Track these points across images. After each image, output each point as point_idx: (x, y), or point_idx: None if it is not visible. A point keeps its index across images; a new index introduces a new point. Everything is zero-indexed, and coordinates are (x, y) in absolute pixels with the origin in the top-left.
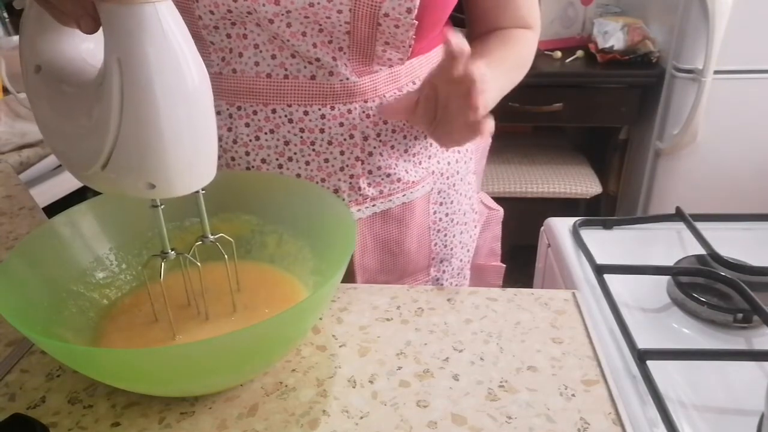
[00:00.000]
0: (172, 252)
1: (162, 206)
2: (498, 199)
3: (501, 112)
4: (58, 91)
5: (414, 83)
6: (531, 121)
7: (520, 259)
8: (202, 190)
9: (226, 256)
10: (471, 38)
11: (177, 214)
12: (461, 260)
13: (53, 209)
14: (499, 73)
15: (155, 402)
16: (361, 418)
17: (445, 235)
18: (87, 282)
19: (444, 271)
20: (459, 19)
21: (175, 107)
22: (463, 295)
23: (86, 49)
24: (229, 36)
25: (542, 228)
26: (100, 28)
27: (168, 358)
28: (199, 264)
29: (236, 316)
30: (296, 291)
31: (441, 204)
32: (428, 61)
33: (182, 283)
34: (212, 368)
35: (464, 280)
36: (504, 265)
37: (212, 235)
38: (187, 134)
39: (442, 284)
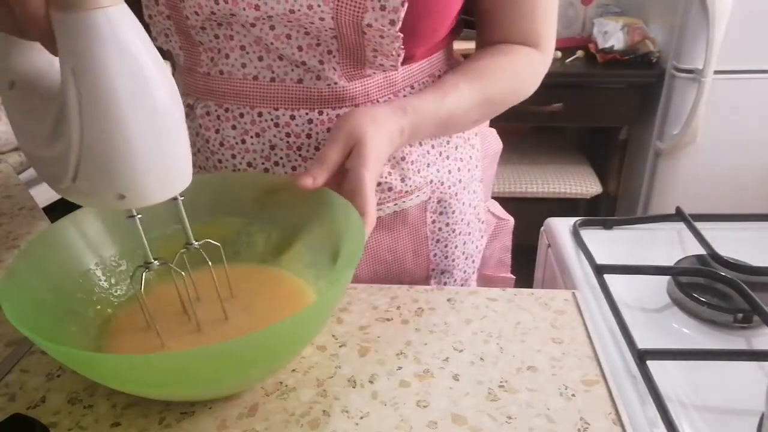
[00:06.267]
0: (155, 262)
1: (139, 216)
2: (498, 200)
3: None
4: (31, 105)
5: (412, 88)
6: (531, 121)
7: (520, 259)
8: (181, 196)
9: (210, 263)
10: (478, 47)
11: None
12: (465, 272)
13: (53, 209)
14: (470, 100)
15: (155, 402)
16: (361, 418)
17: (446, 246)
18: (92, 285)
19: (445, 283)
20: (470, 21)
21: (137, 114)
22: (463, 295)
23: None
24: (216, 37)
25: (542, 228)
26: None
27: (173, 363)
28: (183, 273)
29: (242, 320)
30: (296, 291)
31: (441, 213)
32: (430, 66)
33: (185, 289)
34: (217, 374)
35: None
36: (514, 277)
37: (214, 239)
38: (153, 141)
39: None
